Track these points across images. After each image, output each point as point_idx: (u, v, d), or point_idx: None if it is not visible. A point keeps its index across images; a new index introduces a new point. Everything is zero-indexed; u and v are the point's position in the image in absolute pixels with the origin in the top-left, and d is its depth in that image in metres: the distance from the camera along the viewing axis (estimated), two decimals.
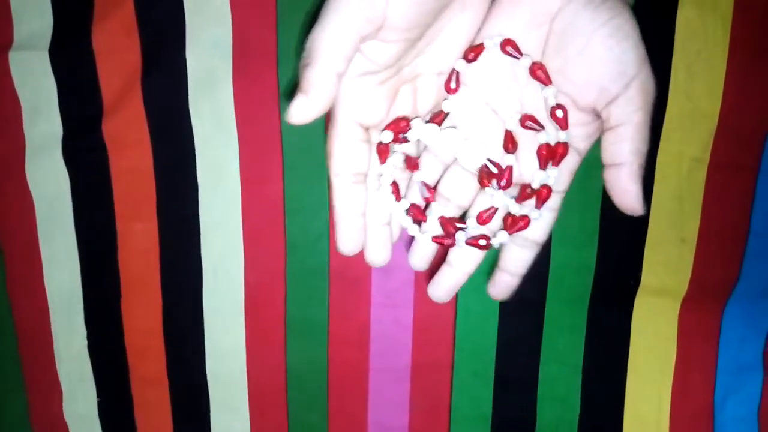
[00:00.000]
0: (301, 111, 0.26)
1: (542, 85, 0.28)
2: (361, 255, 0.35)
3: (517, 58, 0.28)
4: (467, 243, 0.29)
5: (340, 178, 0.29)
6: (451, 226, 0.30)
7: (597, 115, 0.28)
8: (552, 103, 0.28)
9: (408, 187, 0.31)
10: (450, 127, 0.30)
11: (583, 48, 0.26)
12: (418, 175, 0.30)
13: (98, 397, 0.38)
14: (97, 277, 0.36)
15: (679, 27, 0.32)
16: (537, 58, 0.28)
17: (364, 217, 0.30)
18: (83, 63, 0.34)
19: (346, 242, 0.29)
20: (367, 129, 0.29)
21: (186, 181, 0.35)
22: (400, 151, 0.30)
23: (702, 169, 0.33)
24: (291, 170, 0.34)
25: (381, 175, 0.30)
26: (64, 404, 0.38)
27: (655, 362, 0.36)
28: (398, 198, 0.30)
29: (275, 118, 0.34)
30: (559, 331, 0.36)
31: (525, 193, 0.29)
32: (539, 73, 0.28)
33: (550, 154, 0.29)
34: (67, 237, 0.36)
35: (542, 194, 0.29)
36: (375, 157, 0.29)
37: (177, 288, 0.36)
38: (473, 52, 0.28)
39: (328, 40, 0.25)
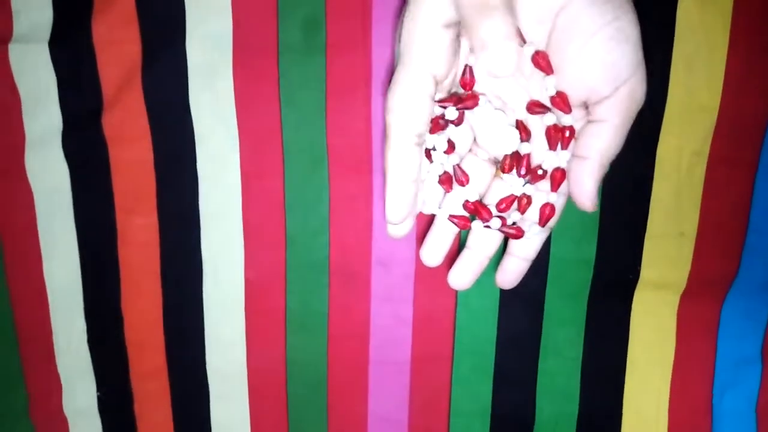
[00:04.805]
0: None
1: (543, 75, 0.28)
2: (359, 250, 0.35)
3: (521, 45, 0.28)
4: (501, 231, 0.30)
5: (400, 136, 0.27)
6: (486, 212, 0.30)
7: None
8: (552, 92, 0.28)
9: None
10: (499, 109, 0.30)
11: (582, 47, 0.26)
12: (453, 158, 0.31)
13: (98, 390, 0.38)
14: (96, 270, 0.36)
15: (679, 20, 0.32)
16: None
17: (416, 185, 0.28)
18: (83, 56, 0.33)
19: (397, 210, 0.28)
20: (436, 84, 0.28)
21: (186, 175, 0.35)
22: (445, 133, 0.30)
23: (701, 163, 0.33)
24: (291, 164, 0.34)
25: (434, 148, 0.30)
26: (63, 398, 0.38)
27: (654, 356, 0.36)
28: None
29: (276, 112, 0.34)
30: (559, 325, 0.36)
31: (536, 174, 0.30)
32: (541, 62, 0.28)
33: (558, 133, 0.29)
34: (66, 230, 0.36)
35: (556, 177, 0.29)
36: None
37: (177, 281, 0.36)
38: None
39: None
